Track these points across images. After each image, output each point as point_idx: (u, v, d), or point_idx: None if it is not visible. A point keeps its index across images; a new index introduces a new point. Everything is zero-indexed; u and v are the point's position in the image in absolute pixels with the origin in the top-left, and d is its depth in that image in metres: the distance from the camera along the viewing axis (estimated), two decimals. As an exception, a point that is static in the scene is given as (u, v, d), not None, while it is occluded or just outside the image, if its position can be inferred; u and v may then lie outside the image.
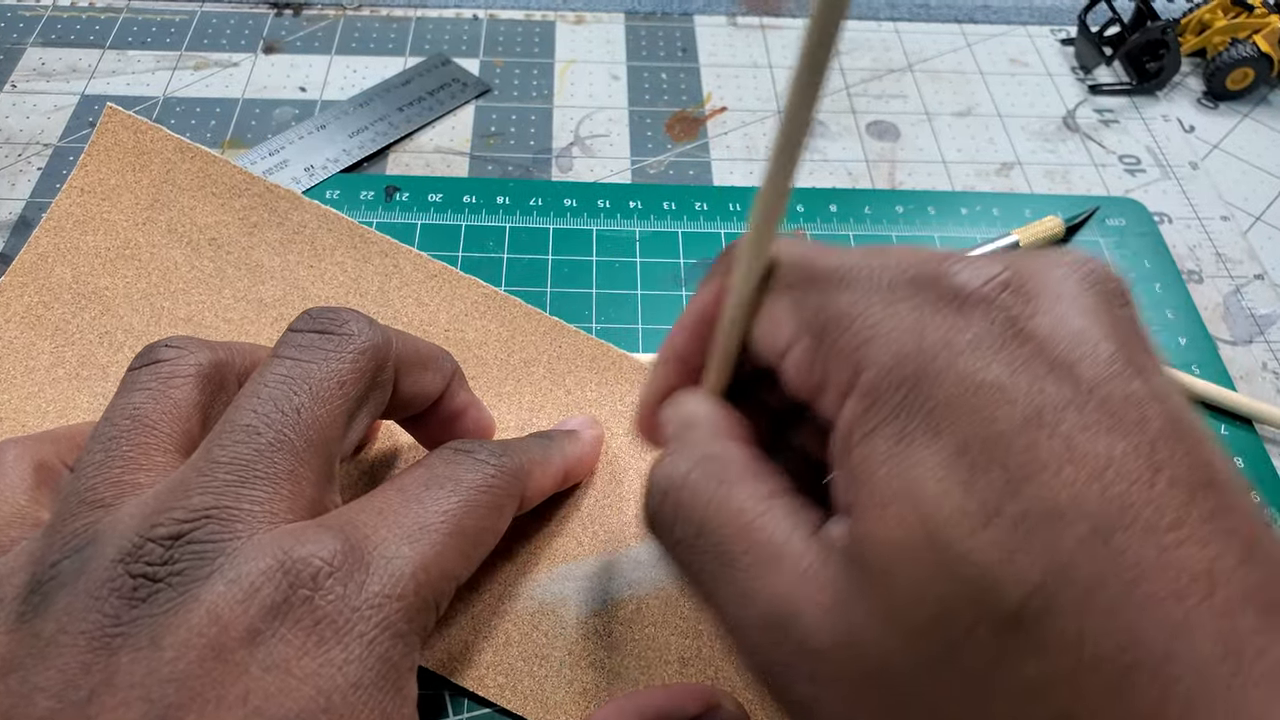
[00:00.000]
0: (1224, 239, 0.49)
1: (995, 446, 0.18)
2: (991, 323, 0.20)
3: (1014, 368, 0.19)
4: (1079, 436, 0.18)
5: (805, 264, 0.23)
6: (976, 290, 0.20)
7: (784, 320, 0.23)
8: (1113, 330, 0.20)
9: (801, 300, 0.23)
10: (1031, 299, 0.20)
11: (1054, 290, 0.20)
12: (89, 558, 0.22)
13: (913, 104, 0.56)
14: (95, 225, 0.40)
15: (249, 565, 0.21)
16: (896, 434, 0.20)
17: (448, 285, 0.40)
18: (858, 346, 0.21)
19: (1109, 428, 0.18)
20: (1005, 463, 0.18)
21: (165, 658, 0.20)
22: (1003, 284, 0.20)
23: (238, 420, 0.24)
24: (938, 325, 0.20)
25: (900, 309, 0.21)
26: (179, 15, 0.57)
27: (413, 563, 0.23)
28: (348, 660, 0.21)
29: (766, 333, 0.24)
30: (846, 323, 0.22)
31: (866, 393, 0.21)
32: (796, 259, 0.24)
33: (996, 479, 0.18)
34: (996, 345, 0.19)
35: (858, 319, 0.21)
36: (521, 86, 0.54)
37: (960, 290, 0.20)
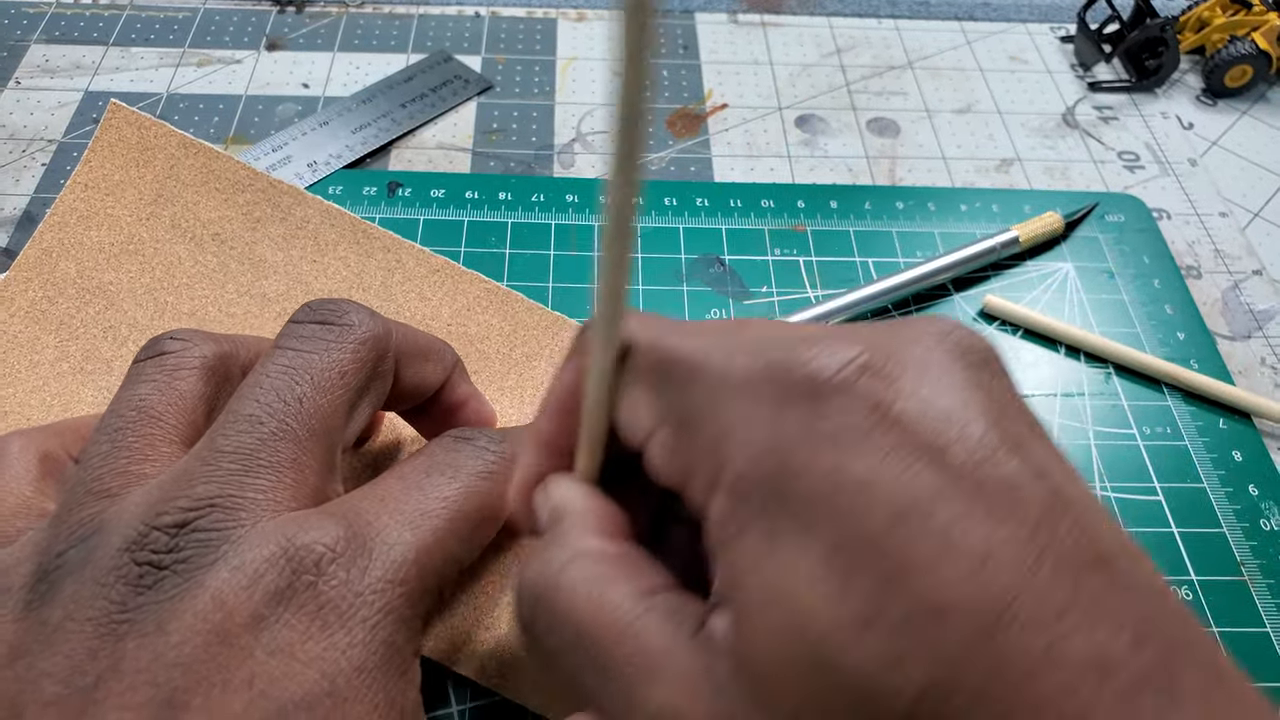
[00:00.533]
0: (1223, 235, 0.49)
1: (868, 546, 0.17)
2: (852, 412, 0.19)
3: (880, 459, 0.18)
4: (954, 529, 0.17)
5: (657, 351, 0.22)
6: (832, 377, 0.19)
7: (643, 410, 0.22)
8: (985, 406, 0.19)
9: (658, 391, 0.22)
10: (893, 380, 0.19)
11: (917, 368, 0.19)
12: (95, 546, 0.22)
13: (913, 101, 0.56)
14: (99, 221, 0.40)
15: (253, 552, 0.22)
16: (765, 534, 0.19)
17: (450, 280, 0.40)
18: (717, 442, 0.20)
19: (985, 515, 0.17)
20: (880, 563, 0.17)
21: (171, 643, 0.20)
22: (861, 368, 0.19)
23: (241, 410, 0.24)
24: (794, 420, 0.19)
25: (756, 402, 0.20)
26: (182, 12, 0.57)
27: (414, 548, 0.24)
28: (351, 644, 0.22)
29: (628, 420, 0.23)
30: (703, 417, 0.21)
31: (730, 491, 0.20)
32: (649, 343, 0.22)
33: (872, 581, 0.17)
34: (859, 436, 0.18)
35: (713, 413, 0.20)
36: (523, 83, 0.54)
37: (815, 378, 0.19)
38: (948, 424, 0.18)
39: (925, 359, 0.20)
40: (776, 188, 0.49)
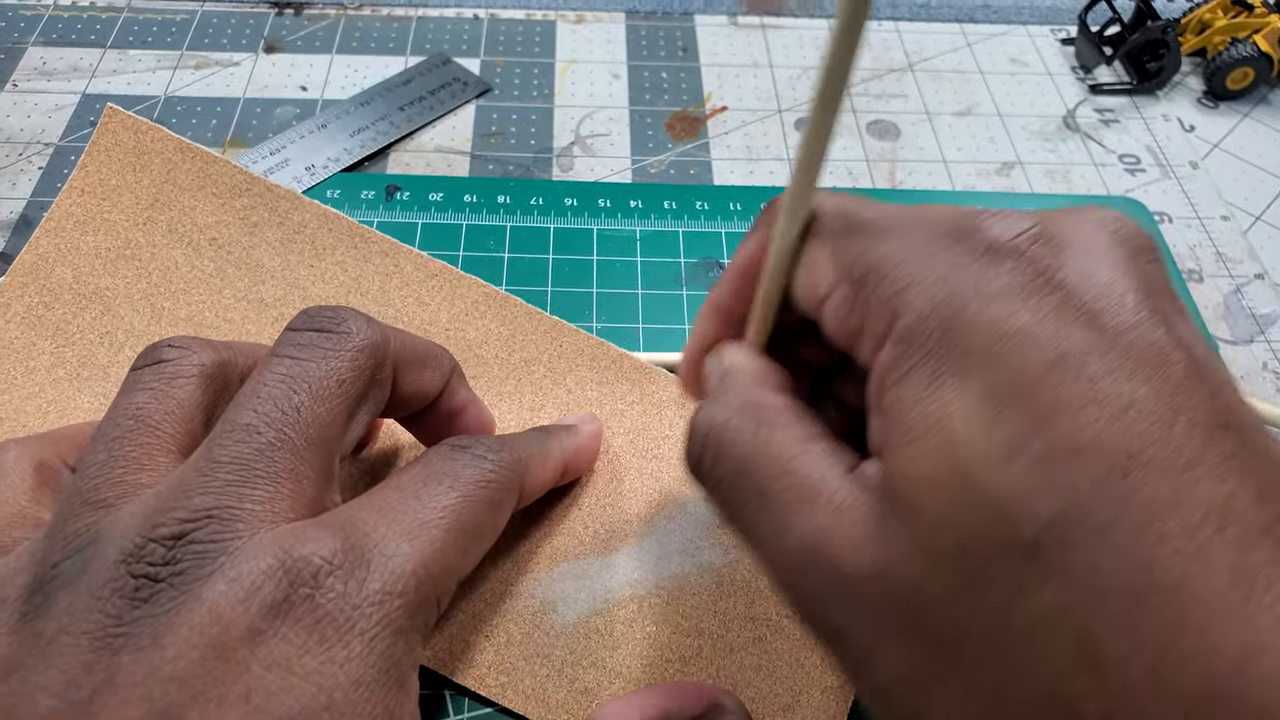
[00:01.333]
0: (1224, 238, 0.49)
1: (1021, 388, 0.19)
2: (1021, 273, 0.21)
3: (1041, 315, 0.20)
4: (1102, 380, 0.19)
5: (845, 214, 0.24)
6: (1008, 242, 0.21)
7: (824, 268, 0.24)
8: (1139, 282, 0.21)
9: (841, 249, 0.24)
10: (1060, 251, 0.21)
11: (1083, 243, 0.21)
12: (91, 558, 0.22)
13: (913, 103, 0.56)
14: (96, 225, 0.40)
15: (250, 564, 0.22)
16: (929, 377, 0.20)
17: (448, 285, 0.40)
18: (895, 294, 0.22)
19: (1131, 372, 0.19)
20: (1030, 403, 0.19)
21: (167, 656, 0.20)
22: (1034, 236, 0.21)
23: (238, 420, 0.24)
24: (971, 275, 0.21)
25: (936, 259, 0.22)
26: (180, 15, 0.57)
27: (413, 560, 0.24)
28: (349, 658, 0.22)
29: (807, 281, 0.25)
30: (884, 271, 0.22)
31: (901, 338, 0.21)
32: (837, 209, 0.24)
33: (1021, 418, 0.19)
34: (1025, 294, 0.20)
35: (895, 268, 0.22)
36: (522, 86, 0.54)
37: (994, 242, 0.21)
38: (1106, 293, 0.20)
39: (1091, 237, 0.21)
40: (776, 190, 0.49)
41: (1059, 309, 0.20)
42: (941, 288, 0.21)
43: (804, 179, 0.24)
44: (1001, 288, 0.20)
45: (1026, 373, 0.19)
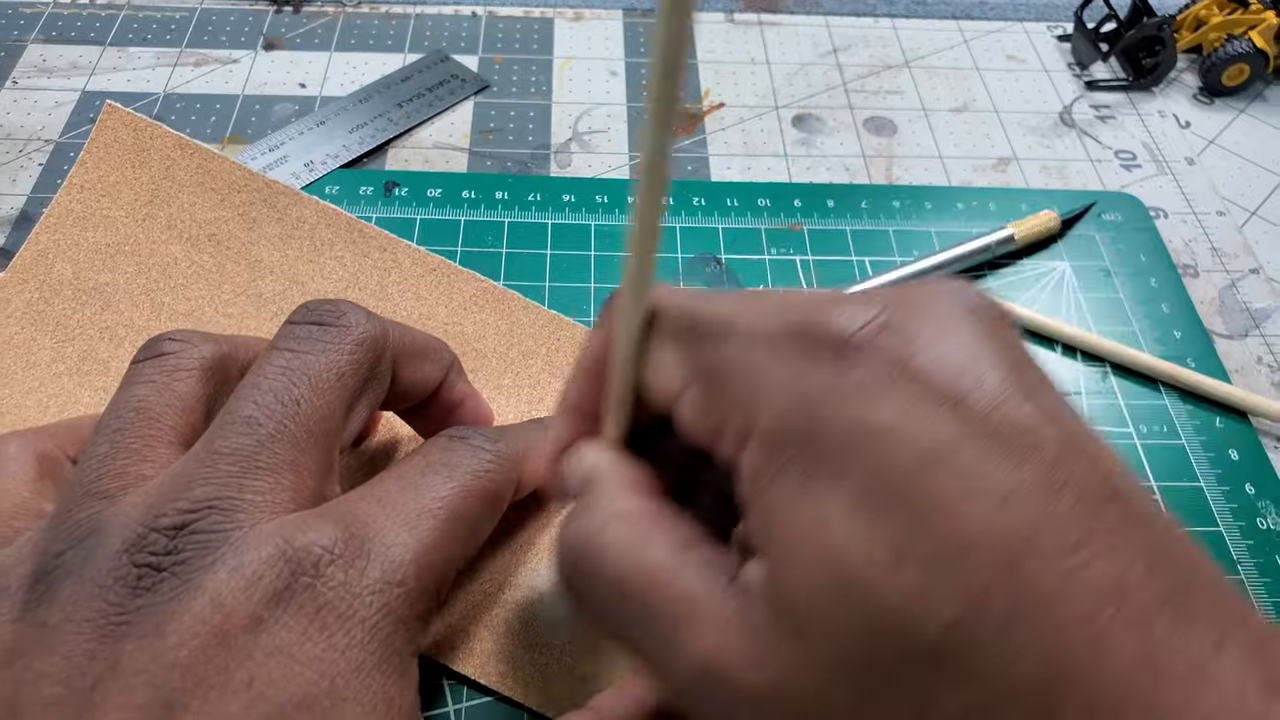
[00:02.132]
0: (1220, 234, 0.49)
1: (895, 489, 0.18)
2: (875, 367, 0.20)
3: (903, 409, 0.19)
4: (976, 470, 0.18)
5: (686, 313, 0.23)
6: (855, 335, 0.20)
7: (672, 369, 0.23)
8: (998, 357, 0.20)
9: (688, 350, 0.23)
10: (912, 337, 0.20)
11: (933, 324, 0.20)
12: (93, 548, 0.22)
13: (910, 99, 0.56)
14: (95, 222, 0.40)
15: (251, 554, 0.22)
16: (799, 480, 0.20)
17: (446, 280, 0.40)
18: (747, 396, 0.21)
19: (1005, 456, 0.18)
20: (908, 504, 0.18)
21: (169, 644, 0.21)
22: (881, 326, 0.20)
23: (239, 412, 0.24)
24: (820, 376, 0.20)
25: (783, 358, 0.21)
26: (179, 12, 0.57)
27: (412, 549, 0.24)
28: (350, 645, 0.22)
29: (656, 381, 0.24)
30: (733, 372, 0.22)
31: (761, 442, 0.21)
32: (678, 308, 0.23)
33: (902, 521, 0.18)
34: (882, 388, 0.19)
35: (744, 369, 0.21)
36: (520, 83, 0.54)
37: (839, 336, 0.20)
38: (964, 374, 0.19)
39: (940, 316, 0.21)
40: (773, 187, 0.49)
41: (919, 400, 0.19)
42: (794, 388, 0.20)
43: (639, 276, 0.23)
44: (856, 384, 0.20)
45: (897, 471, 0.18)
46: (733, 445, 0.22)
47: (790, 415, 0.20)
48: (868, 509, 0.18)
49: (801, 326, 0.21)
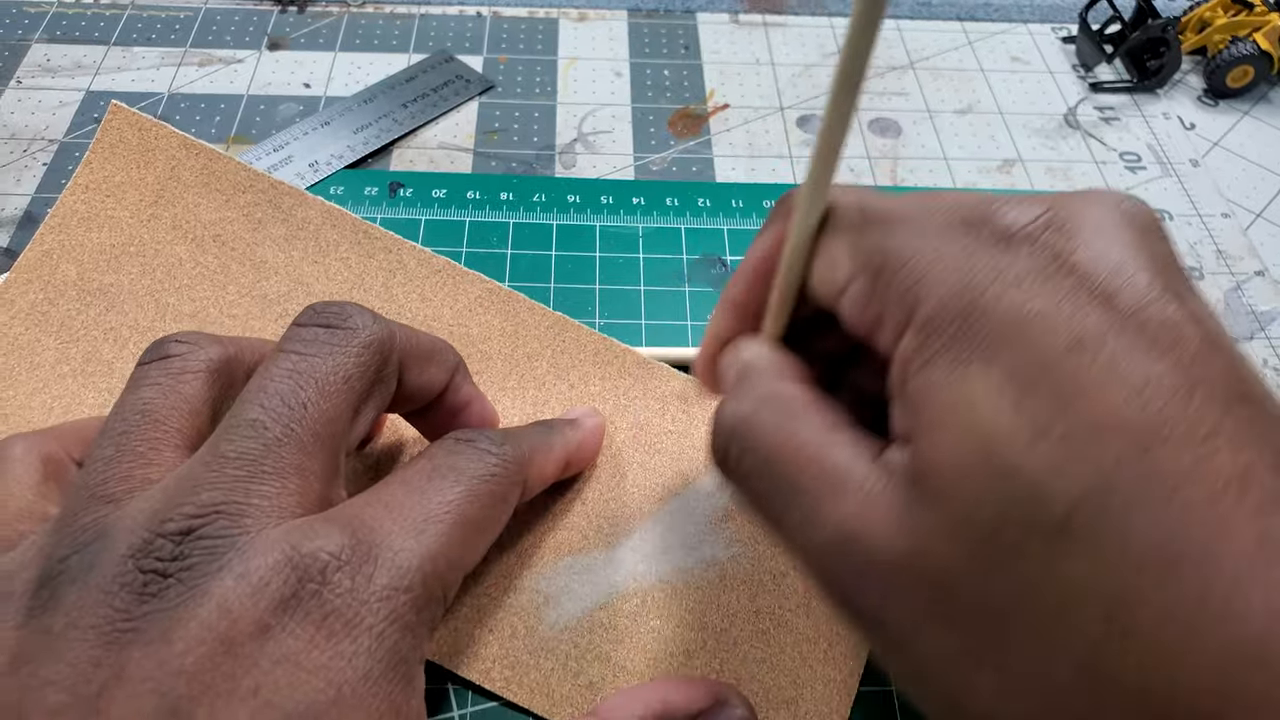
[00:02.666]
0: (1224, 236, 0.49)
1: (1043, 371, 0.20)
2: (1036, 258, 0.21)
3: (1058, 298, 0.20)
4: (1120, 359, 0.19)
5: (861, 206, 0.25)
6: (1022, 229, 0.22)
7: (841, 260, 0.25)
8: (1149, 261, 0.21)
9: (858, 241, 0.24)
10: (1073, 235, 0.21)
11: (1094, 226, 0.22)
12: (99, 553, 0.22)
13: (914, 101, 0.56)
14: (100, 222, 0.40)
15: (258, 560, 0.22)
16: (951, 362, 0.21)
17: (451, 281, 0.40)
18: (913, 283, 0.22)
19: (1147, 349, 0.19)
20: (1053, 385, 0.19)
21: (175, 651, 0.20)
22: (1046, 223, 0.22)
23: (245, 415, 0.24)
24: (987, 262, 0.21)
25: (952, 247, 0.22)
26: (184, 12, 0.57)
27: (418, 555, 0.24)
28: (356, 652, 0.22)
29: (824, 273, 0.25)
30: (902, 261, 0.23)
31: (922, 326, 0.22)
32: (852, 203, 0.25)
33: (1045, 400, 0.19)
34: (1042, 278, 0.21)
35: (912, 257, 0.23)
36: (525, 83, 0.54)
37: (1008, 229, 0.22)
38: (1118, 273, 0.21)
39: (1101, 219, 0.22)
40: (778, 188, 0.49)
41: (1074, 291, 0.20)
42: (959, 276, 0.22)
43: (820, 172, 0.24)
44: (1018, 273, 0.21)
45: (1047, 355, 0.20)
46: (892, 333, 0.23)
47: (951, 300, 0.21)
48: (1014, 388, 0.20)
49: (972, 218, 0.23)
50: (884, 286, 0.23)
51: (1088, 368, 0.19)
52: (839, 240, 0.25)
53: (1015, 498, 0.19)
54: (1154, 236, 0.22)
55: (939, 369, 0.21)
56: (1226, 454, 0.18)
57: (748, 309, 0.29)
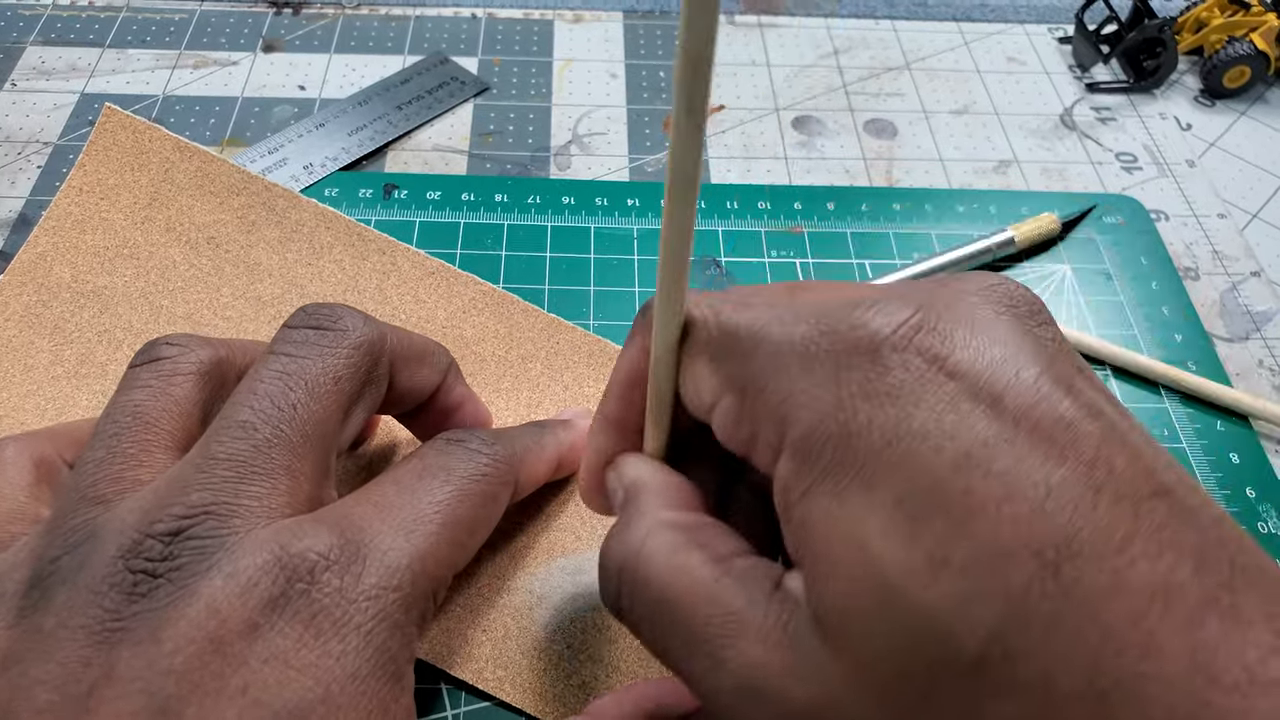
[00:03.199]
0: (1221, 236, 0.49)
1: (932, 495, 0.18)
2: (909, 368, 0.19)
3: (939, 410, 0.19)
4: (1013, 471, 0.18)
5: (716, 325, 0.23)
6: (890, 336, 0.20)
7: (706, 380, 0.23)
8: (1035, 352, 0.20)
9: (719, 361, 0.23)
10: (947, 336, 0.20)
11: (968, 321, 0.20)
12: (89, 553, 0.22)
13: (910, 102, 0.56)
14: (94, 224, 0.40)
15: (247, 560, 0.22)
16: (832, 492, 0.19)
17: (445, 283, 0.40)
18: (779, 404, 0.21)
19: (1044, 455, 0.18)
20: (944, 510, 0.18)
21: (164, 651, 0.20)
22: (916, 325, 0.20)
23: (235, 417, 0.24)
24: (854, 380, 0.20)
25: (815, 365, 0.21)
26: (178, 14, 0.57)
27: (408, 554, 0.24)
28: (345, 651, 0.22)
29: (692, 391, 0.24)
30: (765, 384, 0.21)
31: (795, 452, 0.20)
32: (707, 319, 0.23)
33: (938, 528, 0.18)
34: (918, 389, 0.19)
35: (774, 379, 0.21)
36: (520, 85, 0.54)
37: (873, 338, 0.20)
38: (1001, 371, 0.19)
39: (974, 312, 0.20)
40: (773, 189, 0.49)
41: (955, 400, 0.19)
42: (827, 396, 0.20)
43: (671, 286, 0.22)
44: (890, 387, 0.19)
45: (934, 476, 0.18)
46: (767, 455, 0.22)
47: (823, 424, 0.20)
48: (904, 516, 0.18)
49: (832, 332, 0.21)
50: (750, 406, 0.22)
51: (981, 484, 0.18)
52: (700, 362, 0.23)
53: (921, 640, 0.18)
54: (1035, 321, 0.21)
55: (820, 499, 0.20)
56: (1144, 563, 0.17)
57: (626, 424, 0.27)
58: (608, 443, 0.27)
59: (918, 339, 0.20)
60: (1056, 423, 0.18)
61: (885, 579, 0.18)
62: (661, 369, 0.24)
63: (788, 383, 0.21)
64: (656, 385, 0.25)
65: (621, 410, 0.27)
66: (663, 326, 0.23)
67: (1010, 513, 0.17)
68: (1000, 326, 0.20)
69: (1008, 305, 0.21)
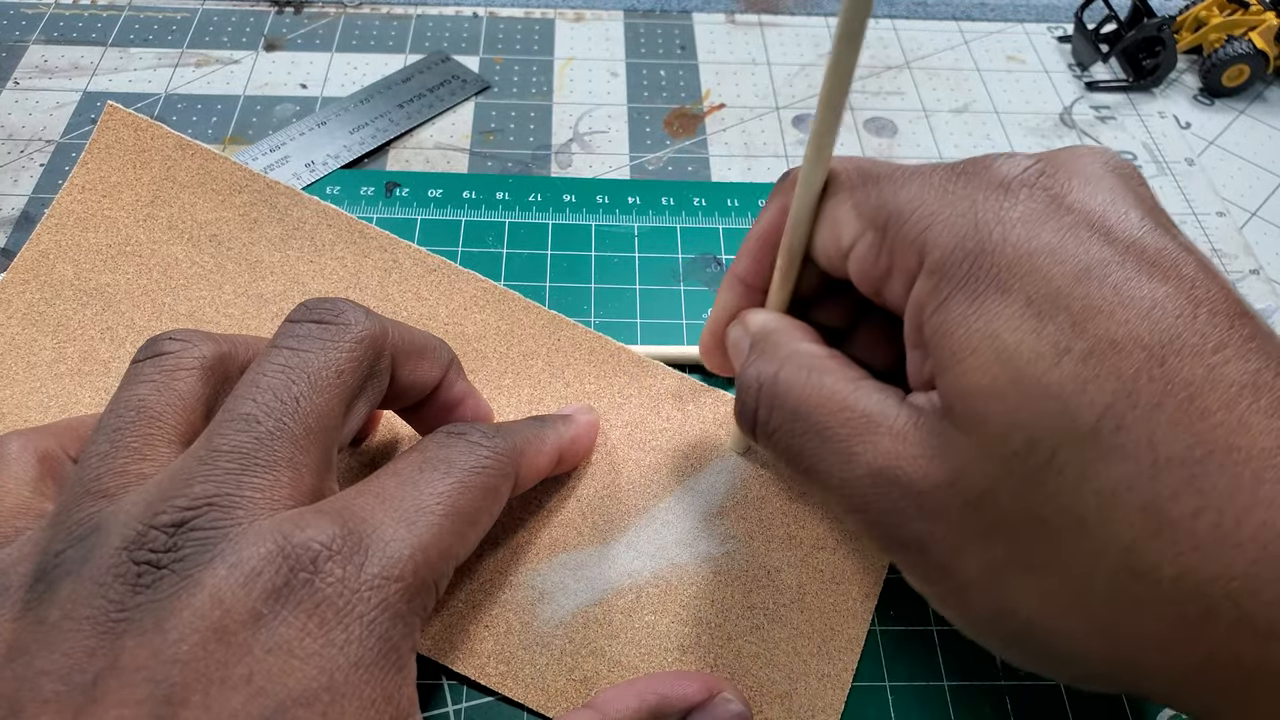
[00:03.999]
0: (1220, 235, 0.49)
1: (1057, 298, 0.21)
2: (1035, 200, 0.23)
3: (1062, 233, 0.22)
4: (1125, 284, 0.21)
5: (862, 170, 0.26)
6: (1018, 176, 0.24)
7: (847, 220, 0.26)
8: (1136, 201, 0.23)
9: (862, 200, 0.26)
10: (1065, 180, 0.24)
11: (1082, 173, 0.24)
12: (93, 546, 0.22)
13: (910, 101, 0.56)
14: (96, 222, 0.40)
15: (250, 550, 0.22)
16: (968, 299, 0.23)
17: (447, 280, 0.40)
18: (920, 233, 0.24)
19: (1149, 274, 0.21)
20: (1068, 309, 0.21)
21: (169, 640, 0.21)
22: (1040, 170, 0.24)
23: (238, 410, 0.24)
24: (990, 206, 0.23)
25: (955, 197, 0.24)
26: (180, 13, 0.57)
27: (410, 545, 0.24)
28: (348, 640, 0.22)
29: (830, 235, 0.27)
30: (908, 213, 0.25)
31: (934, 270, 0.24)
32: (853, 167, 0.27)
33: (1062, 323, 0.21)
34: (1043, 217, 0.23)
35: (918, 209, 0.25)
36: (521, 83, 0.55)
37: (1005, 177, 0.24)
38: (1112, 210, 0.23)
39: (1088, 168, 0.24)
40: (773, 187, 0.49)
41: (1075, 227, 0.22)
42: (965, 221, 0.23)
43: (823, 136, 0.25)
44: (1020, 214, 0.23)
45: (1059, 284, 0.22)
46: (902, 284, 0.25)
47: (961, 243, 0.23)
48: (1033, 315, 0.22)
49: (968, 172, 0.24)
50: (892, 239, 0.25)
51: (1097, 293, 0.21)
52: (843, 203, 0.26)
53: (1046, 412, 0.21)
54: (1136, 181, 0.24)
55: (956, 307, 0.23)
56: (1236, 364, 0.20)
57: (752, 284, 0.30)
58: (734, 299, 0.31)
59: (1042, 179, 0.24)
60: (1160, 252, 0.22)
61: (1016, 363, 0.21)
62: (801, 219, 0.27)
63: (928, 212, 0.24)
64: (792, 238, 0.28)
65: (752, 268, 0.30)
66: (809, 177, 0.26)
67: (1123, 315, 0.21)
68: (1109, 179, 0.24)
69: (1114, 167, 0.24)
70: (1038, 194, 0.23)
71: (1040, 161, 0.24)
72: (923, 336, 0.24)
